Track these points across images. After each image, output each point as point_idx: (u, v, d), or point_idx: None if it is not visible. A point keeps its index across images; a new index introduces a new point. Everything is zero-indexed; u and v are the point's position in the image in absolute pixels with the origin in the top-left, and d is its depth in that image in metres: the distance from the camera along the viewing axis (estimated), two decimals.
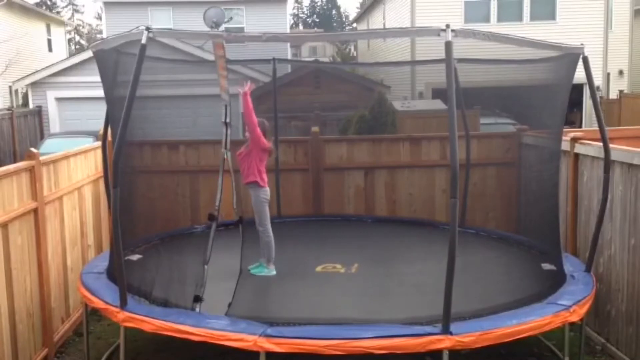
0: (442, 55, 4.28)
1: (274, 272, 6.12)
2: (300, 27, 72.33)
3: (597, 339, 5.90)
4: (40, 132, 18.12)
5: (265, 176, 6.18)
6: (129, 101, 4.41)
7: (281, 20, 22.10)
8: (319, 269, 6.23)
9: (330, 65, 28.15)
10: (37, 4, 36.44)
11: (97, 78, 5.63)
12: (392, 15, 23.14)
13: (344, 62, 36.36)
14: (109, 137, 5.86)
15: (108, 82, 5.46)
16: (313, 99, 15.18)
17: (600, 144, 5.49)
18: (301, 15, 76.63)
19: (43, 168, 5.66)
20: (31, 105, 18.52)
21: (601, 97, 19.13)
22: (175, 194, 8.43)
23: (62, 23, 32.42)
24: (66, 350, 6.00)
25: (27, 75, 18.74)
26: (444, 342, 4.24)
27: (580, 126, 18.93)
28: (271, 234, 6.16)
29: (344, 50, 43.05)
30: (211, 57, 8.03)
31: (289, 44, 23.43)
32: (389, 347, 4.24)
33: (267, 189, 6.21)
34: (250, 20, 21.54)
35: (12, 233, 5.01)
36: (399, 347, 4.26)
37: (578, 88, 18.42)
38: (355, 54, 39.25)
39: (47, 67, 18.97)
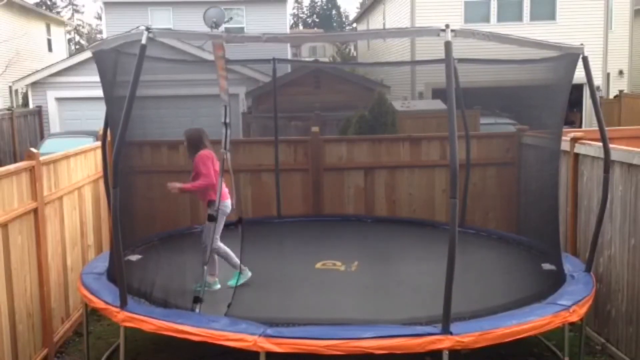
0: (442, 55, 4.28)
1: (249, 274, 5.85)
2: (300, 27, 72.36)
3: (597, 339, 5.90)
4: (40, 132, 18.13)
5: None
6: (128, 101, 4.41)
7: (281, 20, 22.10)
8: (318, 265, 6.27)
9: (330, 65, 28.12)
10: (37, 4, 36.47)
11: (97, 78, 5.62)
12: (392, 15, 23.15)
13: (344, 62, 36.34)
14: (109, 137, 5.86)
15: (107, 83, 5.46)
16: (313, 99, 15.17)
17: (600, 144, 5.49)
18: (301, 15, 76.67)
19: (43, 168, 5.66)
20: (31, 105, 18.53)
21: (601, 97, 19.13)
22: (175, 194, 8.40)
23: (62, 23, 32.42)
24: (66, 350, 5.99)
25: (27, 75, 18.75)
26: (444, 342, 4.24)
27: (580, 126, 18.94)
28: (222, 245, 5.84)
29: (344, 50, 43.04)
30: (211, 57, 8.03)
31: (289, 44, 23.42)
32: (389, 347, 4.24)
33: (226, 202, 5.81)
34: (250, 20, 21.55)
35: (12, 233, 5.01)
36: (399, 347, 4.26)
37: (578, 88, 18.44)
38: (355, 54, 39.25)
39: (47, 67, 18.97)
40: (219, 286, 5.84)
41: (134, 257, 6.10)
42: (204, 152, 5.85)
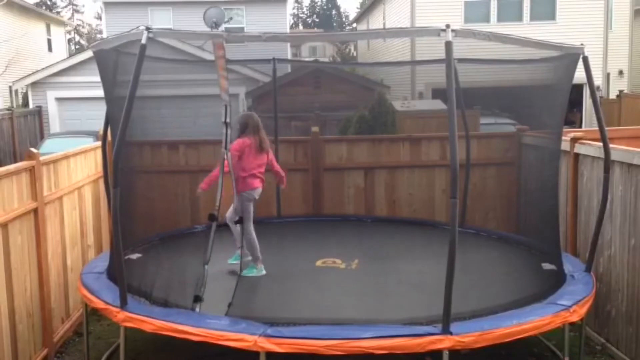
0: (442, 55, 4.28)
1: (264, 272, 6.06)
2: (300, 27, 72.37)
3: (597, 339, 5.90)
4: (40, 132, 18.13)
5: (248, 179, 6.06)
6: (128, 101, 4.41)
7: (281, 20, 22.11)
8: (319, 263, 6.29)
9: (330, 65, 28.15)
10: (37, 4, 36.45)
11: (97, 78, 5.62)
12: (392, 15, 23.15)
13: (344, 62, 36.35)
14: (109, 137, 5.86)
15: (108, 82, 5.46)
16: (313, 99, 15.19)
17: (600, 144, 5.49)
18: (301, 15, 76.68)
19: (43, 168, 5.66)
20: (31, 105, 18.53)
21: (601, 97, 19.11)
22: (175, 194, 8.42)
23: (62, 23, 32.41)
24: (66, 350, 5.99)
25: (27, 75, 18.75)
26: (444, 342, 4.24)
27: (580, 126, 18.94)
28: (253, 233, 6.10)
29: (344, 50, 43.06)
30: (211, 57, 8.03)
31: (289, 44, 23.42)
32: (389, 347, 4.24)
33: (252, 191, 6.12)
34: (250, 20, 21.55)
35: (12, 233, 5.01)
36: (399, 347, 4.26)
37: (578, 88, 18.43)
38: (355, 54, 39.26)
39: (47, 67, 18.98)
40: (264, 272, 6.04)
41: (134, 256, 6.10)
42: (237, 141, 6.08)
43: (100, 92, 5.68)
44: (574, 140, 6.41)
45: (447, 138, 4.34)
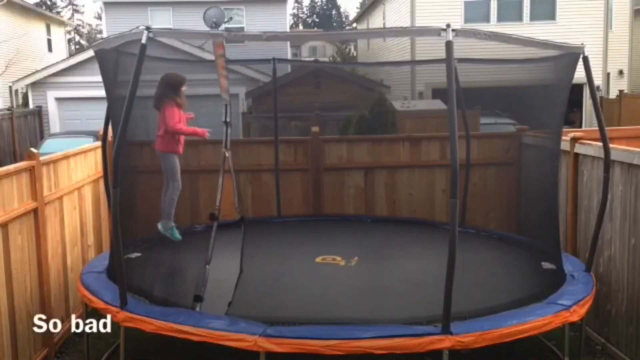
0: (442, 55, 4.28)
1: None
2: (300, 27, 72.41)
3: (597, 339, 5.90)
4: (40, 132, 18.14)
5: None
6: (129, 101, 4.41)
7: (281, 20, 22.10)
8: (318, 259, 6.29)
9: (330, 65, 28.16)
10: (37, 4, 36.45)
11: (98, 78, 5.63)
12: (392, 15, 23.15)
13: (344, 62, 36.35)
14: (109, 137, 5.86)
15: (109, 82, 5.46)
16: (313, 99, 15.18)
17: (600, 144, 5.49)
18: (301, 15, 76.75)
19: (43, 168, 5.65)
20: (31, 106, 18.53)
21: (601, 97, 19.11)
22: None
23: (62, 23, 32.41)
24: (66, 350, 5.99)
25: (27, 75, 18.75)
26: (444, 342, 4.24)
27: (580, 126, 18.93)
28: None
29: (344, 50, 43.07)
30: (211, 57, 8.03)
31: (289, 44, 23.43)
32: (389, 347, 4.24)
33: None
34: (250, 20, 21.55)
35: (12, 233, 5.01)
36: (399, 347, 4.26)
37: (578, 88, 18.43)
38: (355, 54, 39.26)
39: (47, 67, 18.98)
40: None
41: (134, 255, 6.09)
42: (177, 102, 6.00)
43: (100, 92, 5.69)
44: (574, 140, 6.41)
45: (447, 138, 4.34)
